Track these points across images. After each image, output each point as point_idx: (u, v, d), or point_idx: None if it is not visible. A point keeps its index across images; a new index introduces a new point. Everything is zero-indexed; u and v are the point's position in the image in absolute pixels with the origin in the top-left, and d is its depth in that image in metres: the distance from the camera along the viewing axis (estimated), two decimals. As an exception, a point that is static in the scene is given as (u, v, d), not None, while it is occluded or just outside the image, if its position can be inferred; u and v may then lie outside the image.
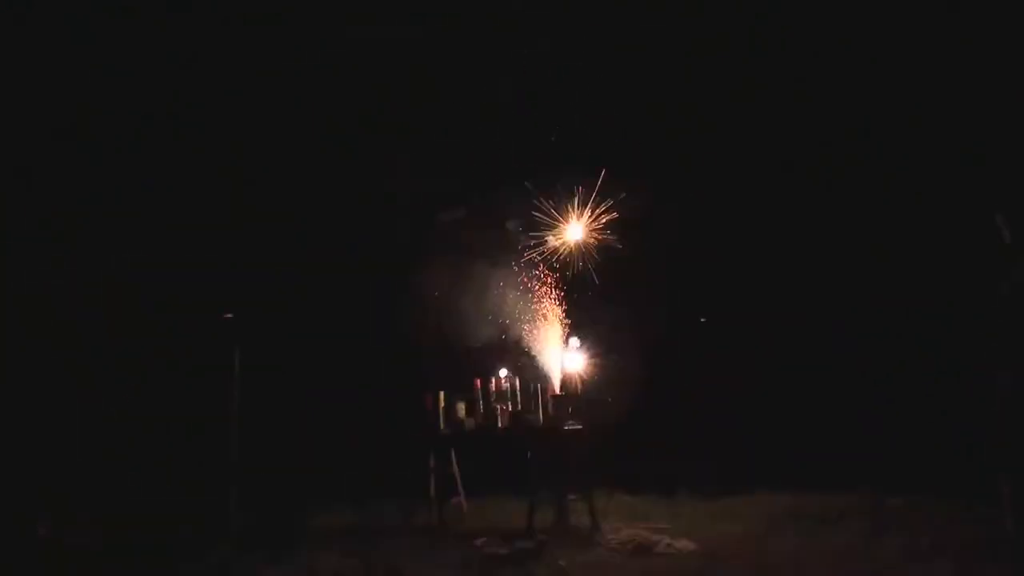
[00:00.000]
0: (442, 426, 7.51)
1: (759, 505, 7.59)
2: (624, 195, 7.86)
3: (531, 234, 8.10)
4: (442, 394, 7.51)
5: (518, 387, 7.44)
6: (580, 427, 7.07)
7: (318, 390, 9.05)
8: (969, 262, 7.37)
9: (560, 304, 7.88)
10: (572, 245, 8.00)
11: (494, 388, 7.46)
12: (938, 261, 8.33)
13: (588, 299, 8.09)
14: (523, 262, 8.11)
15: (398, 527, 7.36)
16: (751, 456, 8.47)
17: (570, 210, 7.95)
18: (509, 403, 7.40)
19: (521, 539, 6.46)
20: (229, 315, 7.19)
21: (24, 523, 6.90)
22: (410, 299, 8.83)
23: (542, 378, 7.42)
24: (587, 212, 7.91)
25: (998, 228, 5.85)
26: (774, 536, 6.48)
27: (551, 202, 8.03)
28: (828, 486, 7.70)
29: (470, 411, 7.51)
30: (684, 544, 6.32)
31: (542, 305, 7.85)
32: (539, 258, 8.05)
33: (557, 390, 7.29)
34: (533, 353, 7.66)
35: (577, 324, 7.79)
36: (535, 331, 7.76)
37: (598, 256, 7.98)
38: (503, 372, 7.67)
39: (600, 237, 7.94)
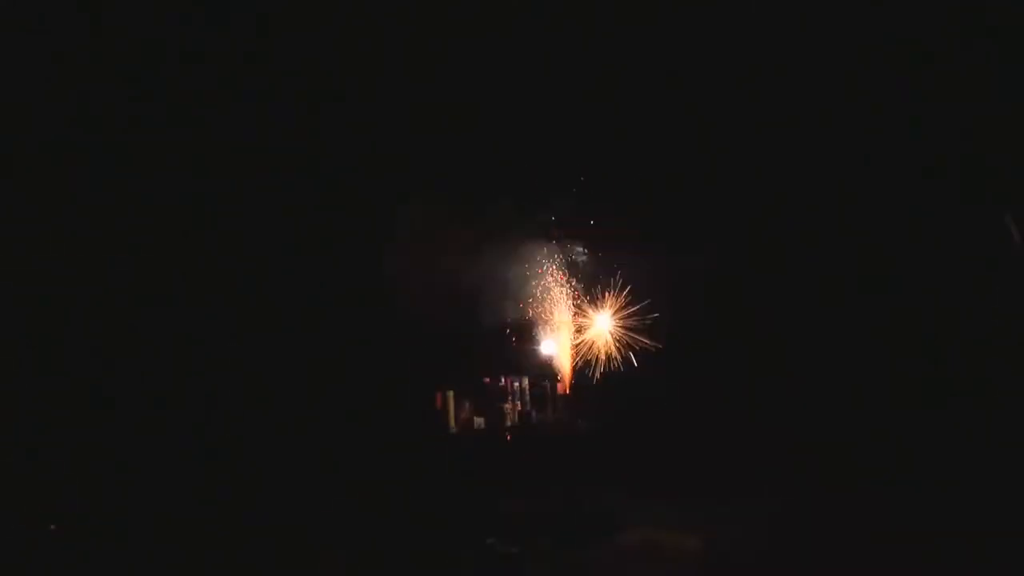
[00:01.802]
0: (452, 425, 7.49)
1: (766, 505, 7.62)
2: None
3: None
4: (451, 393, 7.49)
5: (527, 386, 7.44)
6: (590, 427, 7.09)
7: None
8: (970, 262, 7.46)
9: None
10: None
11: (503, 387, 7.46)
12: (938, 261, 8.38)
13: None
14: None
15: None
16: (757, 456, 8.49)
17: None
18: (518, 402, 7.39)
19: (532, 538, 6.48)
20: None
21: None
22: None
23: (551, 377, 7.42)
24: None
25: (1008, 229, 5.91)
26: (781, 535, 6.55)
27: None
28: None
29: (478, 411, 7.50)
30: (693, 543, 6.38)
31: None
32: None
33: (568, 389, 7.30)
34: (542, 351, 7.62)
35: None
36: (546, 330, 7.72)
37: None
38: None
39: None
